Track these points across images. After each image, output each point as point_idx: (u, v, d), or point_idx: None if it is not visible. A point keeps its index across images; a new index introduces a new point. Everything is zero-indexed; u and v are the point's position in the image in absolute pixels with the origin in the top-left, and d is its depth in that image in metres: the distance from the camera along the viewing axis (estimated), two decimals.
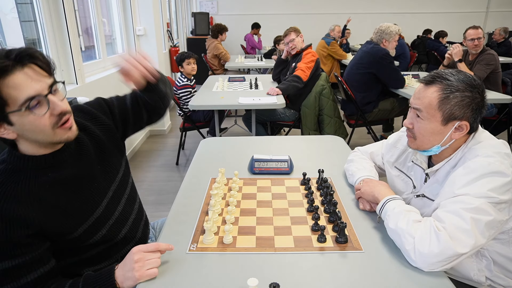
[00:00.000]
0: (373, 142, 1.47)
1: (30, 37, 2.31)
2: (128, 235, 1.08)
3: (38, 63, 0.82)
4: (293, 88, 3.03)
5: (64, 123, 0.86)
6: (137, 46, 3.99)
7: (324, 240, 1.00)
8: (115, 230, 1.03)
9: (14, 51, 0.80)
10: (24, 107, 0.79)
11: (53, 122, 0.84)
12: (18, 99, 0.78)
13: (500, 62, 3.28)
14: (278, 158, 1.44)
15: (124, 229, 1.07)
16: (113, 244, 1.04)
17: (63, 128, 0.86)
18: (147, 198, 2.79)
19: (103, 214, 1.00)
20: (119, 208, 1.07)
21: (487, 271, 1.05)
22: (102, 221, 0.99)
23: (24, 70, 0.79)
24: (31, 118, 0.81)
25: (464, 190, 0.93)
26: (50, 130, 0.84)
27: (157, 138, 4.27)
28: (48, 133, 0.84)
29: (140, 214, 1.18)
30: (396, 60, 5.45)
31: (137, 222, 1.14)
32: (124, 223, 1.07)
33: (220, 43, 5.41)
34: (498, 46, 6.35)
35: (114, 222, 1.03)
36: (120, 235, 1.05)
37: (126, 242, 1.08)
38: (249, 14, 9.24)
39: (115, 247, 1.05)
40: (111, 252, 1.04)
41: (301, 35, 3.27)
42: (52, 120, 0.84)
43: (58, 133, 0.86)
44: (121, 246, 1.07)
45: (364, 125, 3.43)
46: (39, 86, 0.81)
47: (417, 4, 9.48)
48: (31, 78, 0.80)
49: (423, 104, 1.03)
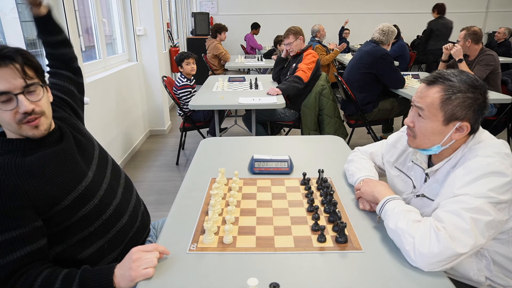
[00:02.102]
0: (373, 142, 1.47)
1: (30, 37, 2.30)
2: (119, 209, 1.10)
3: (19, 64, 0.90)
4: (293, 88, 3.04)
5: (30, 121, 0.93)
6: (137, 46, 3.99)
7: (324, 240, 1.00)
8: (105, 202, 1.06)
9: (4, 49, 0.90)
10: None
11: (18, 119, 0.92)
12: None
13: (500, 62, 3.28)
14: (278, 158, 1.44)
15: (114, 201, 1.09)
16: (105, 220, 1.05)
17: (28, 125, 0.94)
18: (147, 198, 2.79)
19: (91, 184, 1.04)
20: (106, 180, 1.11)
21: (487, 271, 1.05)
22: (91, 191, 1.03)
23: (4, 68, 0.88)
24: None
25: (464, 190, 0.93)
26: (15, 125, 0.92)
27: (157, 138, 4.27)
28: (13, 126, 0.93)
29: (129, 188, 1.21)
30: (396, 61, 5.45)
31: (126, 195, 1.17)
32: (114, 196, 1.11)
33: (220, 43, 5.41)
34: (498, 46, 6.34)
35: (103, 193, 1.06)
36: (111, 208, 1.07)
37: (118, 217, 1.09)
38: (249, 14, 9.24)
39: (108, 224, 1.06)
40: (104, 230, 1.05)
41: (301, 37, 3.25)
42: (18, 116, 0.91)
43: (23, 129, 0.94)
44: (114, 221, 1.07)
45: (364, 125, 3.44)
46: (12, 85, 0.89)
47: (417, 4, 9.47)
48: (7, 76, 0.88)
49: (425, 102, 1.03)
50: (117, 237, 1.08)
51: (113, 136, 3.23)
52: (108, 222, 1.06)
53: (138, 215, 1.20)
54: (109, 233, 1.06)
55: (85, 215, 1.00)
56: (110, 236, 1.06)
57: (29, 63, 0.93)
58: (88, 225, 1.01)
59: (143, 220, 1.22)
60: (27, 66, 0.93)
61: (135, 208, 1.19)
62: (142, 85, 4.13)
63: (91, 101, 2.34)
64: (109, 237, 1.06)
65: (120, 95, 3.41)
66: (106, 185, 1.10)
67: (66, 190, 0.97)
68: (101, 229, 1.04)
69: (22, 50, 0.94)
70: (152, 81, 4.20)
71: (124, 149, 3.51)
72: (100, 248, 1.04)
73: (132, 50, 3.98)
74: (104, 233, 1.05)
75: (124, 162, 3.48)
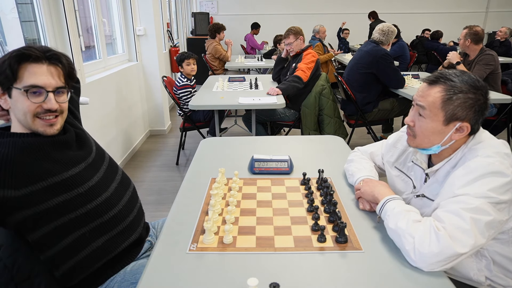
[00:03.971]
0: (373, 142, 1.47)
1: (30, 37, 2.30)
2: (108, 202, 1.11)
3: (64, 68, 1.04)
4: (293, 88, 3.04)
5: (47, 118, 1.01)
6: (137, 46, 3.99)
7: (324, 240, 1.00)
8: (93, 193, 1.08)
9: (52, 51, 1.02)
10: (25, 88, 0.97)
11: (37, 112, 1.00)
12: (25, 82, 0.97)
13: (500, 62, 3.28)
14: (278, 158, 1.44)
15: (104, 194, 1.11)
16: (90, 210, 1.05)
17: (43, 120, 1.01)
18: (147, 198, 2.79)
19: (81, 173, 1.07)
20: (99, 174, 1.13)
21: (487, 271, 1.05)
22: (78, 180, 1.05)
23: (47, 66, 1.00)
24: (23, 99, 0.97)
25: (464, 190, 0.93)
26: (31, 117, 0.99)
27: (157, 138, 4.27)
28: (29, 118, 0.99)
29: (124, 185, 1.23)
30: (396, 61, 5.45)
31: (120, 190, 1.19)
32: (105, 189, 1.12)
33: (219, 44, 5.39)
34: (499, 46, 6.33)
35: (93, 185, 1.08)
36: (99, 199, 1.08)
37: (106, 209, 1.10)
38: (249, 14, 9.24)
39: (92, 214, 1.06)
40: (88, 219, 1.05)
41: (301, 37, 3.25)
42: (39, 110, 0.99)
43: (36, 123, 1.01)
44: (100, 213, 1.08)
45: (364, 125, 3.44)
46: (48, 82, 1.00)
47: (417, 4, 9.48)
48: (46, 73, 1.00)
49: (427, 101, 1.03)
50: (102, 227, 1.08)
51: (113, 136, 3.23)
52: (92, 212, 1.06)
53: (133, 210, 1.21)
54: (92, 223, 1.06)
55: (66, 201, 1.01)
56: (93, 225, 1.06)
57: (70, 69, 1.06)
58: (68, 212, 1.01)
59: (138, 215, 1.23)
60: (68, 71, 1.06)
61: (128, 204, 1.19)
62: (142, 85, 4.13)
63: (91, 101, 2.34)
64: (92, 226, 1.05)
65: (120, 95, 3.41)
66: (98, 178, 1.12)
67: (58, 171, 1.01)
68: (84, 218, 1.04)
69: (67, 56, 1.07)
70: (152, 81, 4.20)
71: (124, 149, 3.51)
72: (82, 236, 1.03)
73: (132, 50, 3.98)
74: (87, 222, 1.05)
75: (124, 162, 3.48)
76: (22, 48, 1.00)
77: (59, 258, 0.99)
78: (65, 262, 1.00)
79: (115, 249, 1.10)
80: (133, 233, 1.18)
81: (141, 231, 1.24)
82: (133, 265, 1.14)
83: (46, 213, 0.96)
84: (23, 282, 0.91)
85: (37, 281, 0.94)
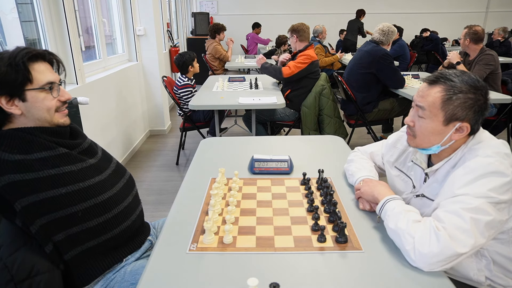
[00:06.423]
0: (373, 142, 1.47)
1: (30, 37, 2.30)
2: (112, 200, 1.13)
3: (57, 62, 1.11)
4: (269, 74, 3.26)
5: (62, 110, 1.10)
6: (137, 46, 3.99)
7: (324, 240, 1.00)
8: (97, 190, 1.10)
9: (36, 49, 1.05)
10: (45, 87, 1.04)
11: (57, 106, 1.08)
12: (41, 81, 1.03)
13: (500, 62, 3.29)
14: (278, 158, 1.44)
15: (108, 193, 1.13)
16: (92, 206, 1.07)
17: (62, 113, 1.10)
18: (147, 198, 2.79)
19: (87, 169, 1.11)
20: (105, 173, 1.17)
21: (487, 271, 1.05)
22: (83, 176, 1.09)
23: (45, 63, 1.06)
24: (44, 97, 1.04)
25: (464, 190, 0.93)
26: (53, 112, 1.07)
27: (157, 138, 4.27)
28: (51, 113, 1.06)
29: (130, 187, 1.26)
30: (396, 61, 5.45)
31: (125, 191, 1.20)
32: (110, 188, 1.14)
33: (219, 44, 5.39)
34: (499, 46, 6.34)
35: (97, 182, 1.11)
36: (103, 196, 1.10)
37: (109, 207, 1.11)
38: (249, 14, 9.25)
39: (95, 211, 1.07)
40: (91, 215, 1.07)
41: (295, 36, 3.20)
42: (57, 104, 1.08)
43: (57, 116, 1.08)
44: (103, 211, 1.09)
45: (364, 125, 3.44)
46: (56, 77, 1.08)
47: (417, 4, 9.48)
48: (50, 69, 1.08)
49: (426, 102, 1.03)
50: (95, 208, 1.09)
51: (113, 136, 3.23)
52: (95, 209, 1.08)
53: (127, 197, 1.22)
54: (85, 203, 1.07)
55: (69, 193, 1.03)
56: (86, 205, 1.07)
57: (60, 63, 1.13)
58: (71, 204, 1.03)
59: (133, 202, 1.24)
60: (60, 65, 1.13)
61: (130, 205, 1.21)
62: (142, 85, 4.13)
63: (91, 101, 2.34)
64: (86, 206, 1.07)
65: (120, 95, 3.41)
66: (103, 177, 1.15)
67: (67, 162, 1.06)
68: (76, 196, 1.06)
69: (51, 52, 1.12)
70: (152, 81, 4.20)
71: (124, 149, 3.51)
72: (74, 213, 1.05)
73: (132, 50, 3.98)
74: (79, 201, 1.06)
75: (124, 162, 3.48)
76: (25, 51, 1.02)
77: (52, 228, 1.01)
78: (56, 234, 1.01)
79: (109, 231, 1.11)
80: (127, 219, 1.18)
81: (136, 219, 1.24)
82: (133, 266, 1.14)
83: (39, 182, 1.00)
84: (23, 282, 0.91)
85: (37, 281, 0.94)
